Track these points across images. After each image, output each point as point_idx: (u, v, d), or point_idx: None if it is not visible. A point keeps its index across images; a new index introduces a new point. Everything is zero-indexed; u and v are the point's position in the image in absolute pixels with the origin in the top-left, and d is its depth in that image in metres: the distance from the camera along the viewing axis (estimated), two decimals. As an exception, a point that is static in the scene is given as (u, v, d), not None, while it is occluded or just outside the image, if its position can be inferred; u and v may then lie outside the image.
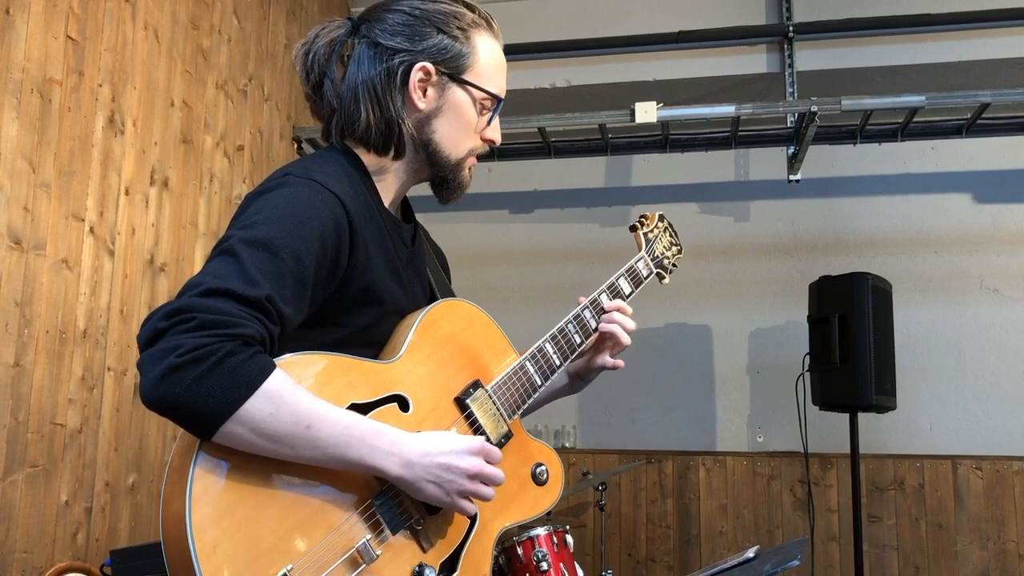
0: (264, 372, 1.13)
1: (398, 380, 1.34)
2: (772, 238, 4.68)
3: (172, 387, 1.08)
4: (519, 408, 1.51)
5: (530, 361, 1.54)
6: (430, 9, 1.41)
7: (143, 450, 2.88)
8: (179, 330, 1.10)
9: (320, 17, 4.38)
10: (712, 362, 4.64)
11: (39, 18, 2.44)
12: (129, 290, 2.82)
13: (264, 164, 3.78)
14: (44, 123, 2.46)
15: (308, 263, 1.24)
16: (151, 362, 1.09)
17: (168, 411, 1.10)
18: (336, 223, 1.29)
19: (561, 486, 1.54)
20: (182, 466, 1.13)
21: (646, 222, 1.90)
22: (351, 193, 1.35)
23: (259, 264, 1.18)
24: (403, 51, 1.40)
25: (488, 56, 1.45)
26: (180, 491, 1.11)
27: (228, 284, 1.14)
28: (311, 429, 1.16)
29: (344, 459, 1.19)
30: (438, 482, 1.26)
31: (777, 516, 4.39)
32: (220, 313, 1.12)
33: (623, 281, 1.74)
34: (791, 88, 4.23)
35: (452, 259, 1.77)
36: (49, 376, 2.46)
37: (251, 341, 1.13)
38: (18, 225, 2.35)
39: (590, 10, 4.51)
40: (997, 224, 4.49)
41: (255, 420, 1.12)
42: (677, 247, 1.96)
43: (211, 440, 1.13)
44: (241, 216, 1.27)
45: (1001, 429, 4.31)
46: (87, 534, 2.60)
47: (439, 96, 1.42)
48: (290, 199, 1.27)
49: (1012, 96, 3.70)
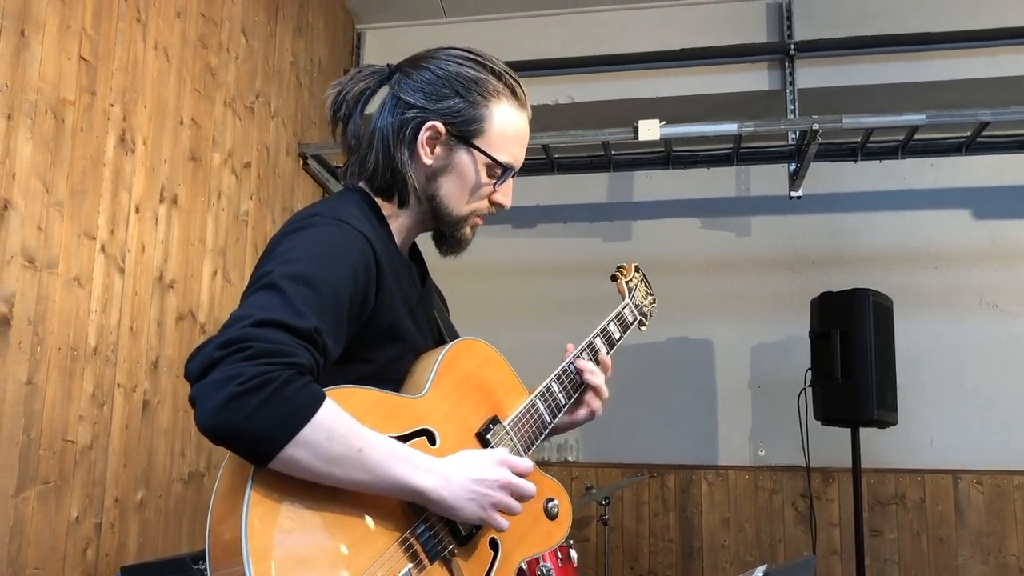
0: (319, 399, 1.17)
1: (425, 415, 1.38)
2: (773, 253, 4.72)
3: (234, 414, 1.10)
4: (533, 444, 1.56)
5: (540, 399, 1.60)
6: (454, 72, 1.46)
7: (151, 466, 2.91)
8: (236, 359, 1.12)
9: (326, 35, 4.42)
10: (714, 376, 4.66)
11: (53, 39, 2.47)
12: (138, 307, 2.85)
13: (270, 180, 3.82)
14: (57, 143, 2.49)
15: (344, 299, 1.28)
16: (210, 390, 1.11)
17: (229, 438, 1.12)
18: (366, 262, 1.34)
19: (570, 521, 1.59)
20: (234, 496, 1.15)
21: (625, 272, 2.00)
22: (374, 233, 1.39)
23: (303, 298, 1.22)
24: (418, 107, 1.45)
25: (503, 125, 1.48)
26: (235, 523, 1.13)
27: (278, 315, 1.18)
28: (362, 452, 1.20)
29: (391, 480, 1.23)
30: (473, 497, 1.29)
31: (779, 530, 4.40)
32: (275, 343, 1.15)
33: (613, 327, 1.83)
34: (792, 105, 4.27)
35: (455, 273, 1.81)
36: (61, 393, 2.48)
37: (304, 370, 1.16)
38: (32, 244, 2.38)
39: (593, 28, 4.55)
40: (996, 240, 4.53)
41: (313, 444, 1.15)
42: (652, 296, 2.08)
43: (268, 466, 1.15)
44: (273, 254, 1.30)
45: (1001, 443, 4.33)
46: (96, 550, 2.62)
47: (446, 155, 1.47)
48: (323, 238, 1.32)
49: (1011, 115, 3.74)
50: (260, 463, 1.15)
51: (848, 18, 4.34)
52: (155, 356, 2.93)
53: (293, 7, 4.07)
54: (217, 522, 1.16)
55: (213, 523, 1.16)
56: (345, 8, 4.68)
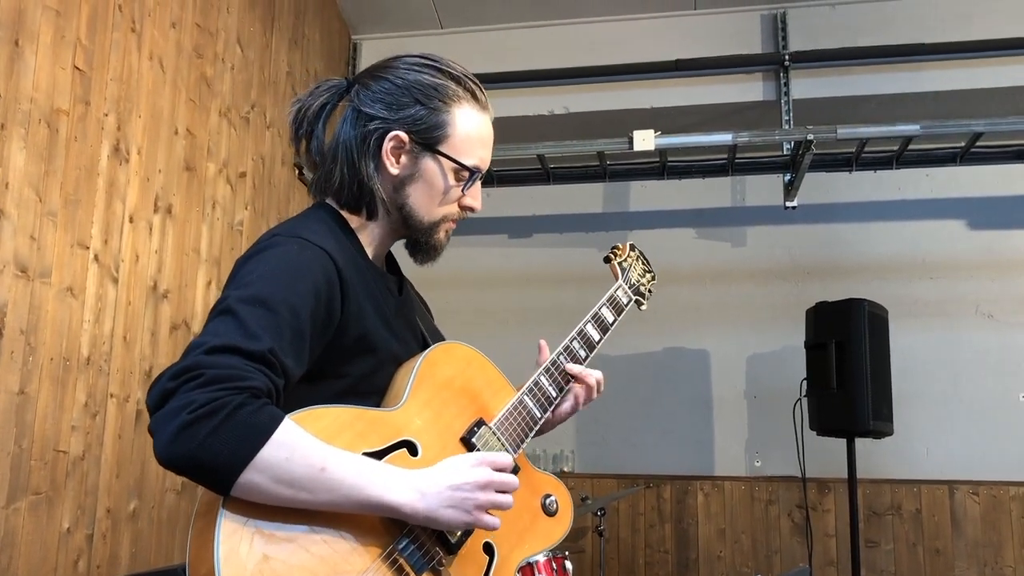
0: (275, 420, 1.16)
1: (404, 426, 1.36)
2: (769, 264, 4.72)
3: (187, 443, 1.10)
4: (523, 442, 1.54)
5: (528, 395, 1.58)
6: (412, 80, 1.46)
7: (144, 476, 2.89)
8: (189, 387, 1.12)
9: (321, 45, 4.43)
10: (710, 387, 4.66)
11: (47, 49, 2.47)
12: (132, 317, 2.84)
13: (265, 190, 3.82)
14: (51, 152, 2.48)
15: (304, 316, 1.27)
16: (164, 421, 1.11)
17: (185, 468, 1.12)
18: (327, 276, 1.33)
19: (571, 515, 1.57)
20: (206, 529, 1.14)
21: (619, 252, 1.95)
22: (337, 247, 1.39)
23: (257, 320, 1.21)
24: (380, 118, 1.45)
25: (467, 129, 1.47)
26: (208, 555, 1.11)
27: (231, 340, 1.18)
28: (326, 471, 1.18)
29: (360, 499, 1.21)
30: (453, 504, 1.28)
31: (775, 541, 4.39)
32: (227, 368, 1.15)
33: (605, 310, 1.79)
34: (787, 116, 4.28)
35: (451, 284, 1.81)
36: (53, 403, 2.47)
37: (259, 393, 1.16)
38: (24, 253, 2.38)
39: (589, 38, 4.56)
40: (992, 250, 4.53)
41: (271, 467, 1.14)
42: (651, 273, 2.01)
43: (231, 494, 1.14)
44: (235, 279, 1.31)
45: (997, 454, 4.33)
46: (88, 561, 2.60)
47: (412, 164, 1.46)
48: (281, 257, 1.31)
49: (1005, 125, 3.76)
50: (221, 491, 1.14)
51: (842, 29, 4.35)
52: (148, 366, 2.92)
53: (289, 18, 4.08)
54: (194, 562, 1.14)
55: (189, 556, 1.15)
56: (341, 19, 4.69)
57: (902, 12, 4.30)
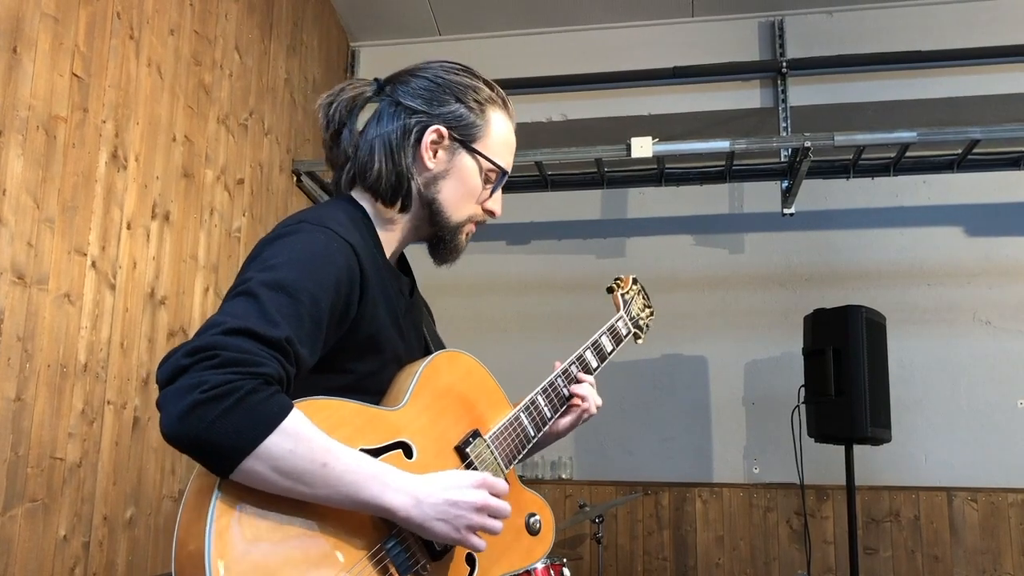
0: (284, 410, 1.15)
1: (402, 427, 1.36)
2: (767, 270, 4.72)
3: (196, 423, 1.09)
4: (515, 458, 1.54)
5: (524, 413, 1.59)
6: (452, 80, 1.49)
7: (141, 484, 2.88)
8: (202, 367, 1.11)
9: (320, 52, 4.43)
10: (708, 393, 4.66)
11: (45, 56, 2.47)
12: (129, 323, 2.84)
13: (264, 197, 3.82)
14: (49, 159, 2.48)
15: (324, 307, 1.27)
16: (174, 398, 1.11)
17: (190, 446, 1.11)
18: (350, 271, 1.33)
19: (553, 536, 1.57)
20: (200, 506, 1.14)
21: (622, 284, 1.99)
22: (362, 243, 1.38)
23: (278, 306, 1.21)
24: (421, 112, 1.47)
25: (499, 132, 1.52)
26: (199, 532, 1.11)
27: (249, 324, 1.17)
28: (327, 467, 1.18)
29: (356, 498, 1.21)
30: (446, 518, 1.27)
31: (773, 548, 4.38)
32: (242, 352, 1.14)
33: (605, 339, 1.82)
34: (785, 123, 4.28)
35: (449, 290, 1.81)
36: (50, 410, 2.46)
37: (271, 380, 1.15)
38: (22, 260, 2.37)
39: (586, 46, 4.57)
40: (989, 257, 4.54)
41: (274, 456, 1.13)
42: (650, 308, 2.06)
43: (229, 477, 1.14)
44: (256, 260, 1.30)
45: (996, 461, 4.33)
46: (85, 569, 2.59)
47: (448, 159, 1.48)
48: (307, 245, 1.31)
49: (1002, 132, 3.76)
50: (221, 473, 1.14)
51: (840, 36, 4.36)
52: (146, 373, 2.91)
53: (287, 25, 4.08)
54: (183, 538, 1.14)
55: (179, 531, 1.15)
56: (339, 26, 4.70)
57: (899, 20, 4.32)
